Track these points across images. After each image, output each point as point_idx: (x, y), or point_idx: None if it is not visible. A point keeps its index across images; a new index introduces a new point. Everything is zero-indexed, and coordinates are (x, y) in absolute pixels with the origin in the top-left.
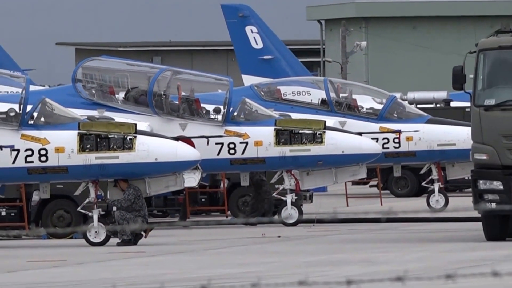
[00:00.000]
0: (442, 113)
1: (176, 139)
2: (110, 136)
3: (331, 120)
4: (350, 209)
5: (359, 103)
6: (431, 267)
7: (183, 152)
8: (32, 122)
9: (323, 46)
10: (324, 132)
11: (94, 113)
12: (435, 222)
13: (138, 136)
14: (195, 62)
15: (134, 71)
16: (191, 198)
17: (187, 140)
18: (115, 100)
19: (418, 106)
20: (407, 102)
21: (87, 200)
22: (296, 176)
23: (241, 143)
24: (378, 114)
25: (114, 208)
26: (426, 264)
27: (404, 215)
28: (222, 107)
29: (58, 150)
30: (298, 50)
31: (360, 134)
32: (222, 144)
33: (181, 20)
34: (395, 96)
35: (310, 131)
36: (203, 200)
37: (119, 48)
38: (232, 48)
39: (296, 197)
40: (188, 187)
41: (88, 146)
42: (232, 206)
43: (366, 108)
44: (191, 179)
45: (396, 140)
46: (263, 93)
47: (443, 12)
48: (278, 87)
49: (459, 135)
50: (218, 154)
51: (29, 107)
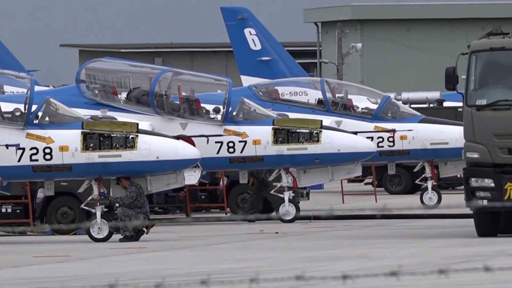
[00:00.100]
0: (435, 113)
1: (177, 138)
2: (112, 135)
3: (327, 120)
4: (346, 206)
5: (354, 103)
6: (424, 263)
7: (183, 150)
8: (37, 121)
9: (320, 48)
10: (321, 131)
11: (97, 112)
12: (428, 219)
13: (140, 135)
14: (195, 63)
15: (136, 72)
16: (191, 196)
17: (188, 139)
18: (118, 100)
19: (412, 106)
20: (401, 102)
21: (90, 197)
22: (294, 174)
23: (240, 142)
24: (373, 114)
25: (117, 205)
26: (419, 259)
27: (398, 212)
28: (221, 107)
29: (62, 149)
30: (295, 52)
31: (355, 133)
32: (222, 143)
33: (181, 22)
34: (390, 96)
35: (307, 130)
36: (203, 197)
37: (122, 50)
38: (231, 49)
39: (293, 194)
40: (188, 185)
41: (91, 145)
42: (231, 203)
43: (361, 108)
44: (192, 177)
45: (391, 139)
46: (261, 93)
47: (436, 15)
48: (276, 88)
49: (451, 134)
50: (218, 153)
51: (34, 107)
